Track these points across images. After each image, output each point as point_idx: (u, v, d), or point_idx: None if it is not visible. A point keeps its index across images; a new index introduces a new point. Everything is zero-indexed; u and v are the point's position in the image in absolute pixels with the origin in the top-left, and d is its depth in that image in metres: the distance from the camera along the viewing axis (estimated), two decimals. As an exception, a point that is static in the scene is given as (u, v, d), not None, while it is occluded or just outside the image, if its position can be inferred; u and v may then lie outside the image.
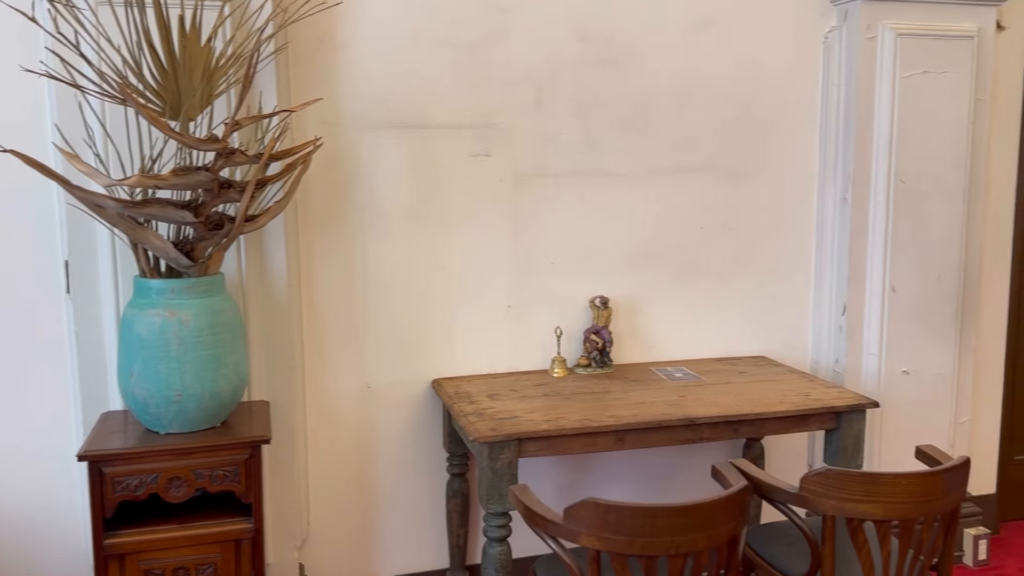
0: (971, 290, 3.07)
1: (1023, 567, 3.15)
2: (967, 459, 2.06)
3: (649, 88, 2.84)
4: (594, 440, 2.33)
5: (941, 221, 2.97)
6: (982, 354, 3.27)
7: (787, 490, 2.04)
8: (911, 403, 3.03)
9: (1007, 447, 3.45)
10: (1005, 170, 3.24)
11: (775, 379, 2.75)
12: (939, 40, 2.87)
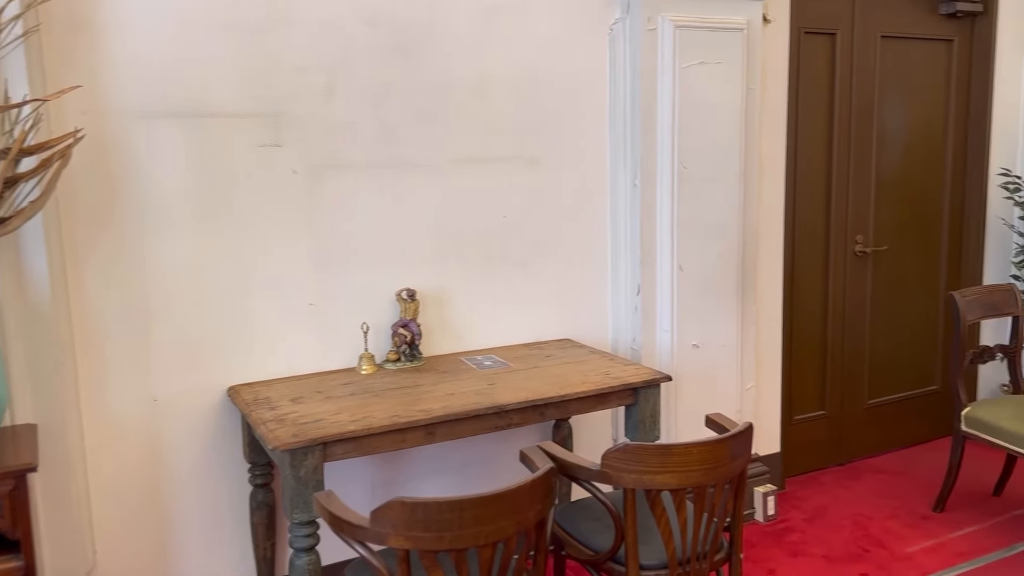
0: (749, 267, 3.31)
1: (806, 517, 3.46)
2: (750, 425, 2.21)
3: (446, 77, 2.82)
4: (404, 436, 2.29)
5: (721, 203, 3.18)
6: (762, 326, 3.55)
7: (590, 468, 2.10)
8: (702, 374, 3.23)
9: (788, 409, 3.78)
10: (775, 154, 3.53)
11: (579, 361, 2.83)
12: (713, 32, 3.06)
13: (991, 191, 4.20)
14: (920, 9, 3.94)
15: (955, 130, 4.15)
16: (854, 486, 3.76)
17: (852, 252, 3.92)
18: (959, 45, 4.08)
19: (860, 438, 4.08)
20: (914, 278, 4.16)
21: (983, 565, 3.03)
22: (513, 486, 1.78)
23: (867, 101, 3.85)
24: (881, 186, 3.97)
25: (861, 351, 4.03)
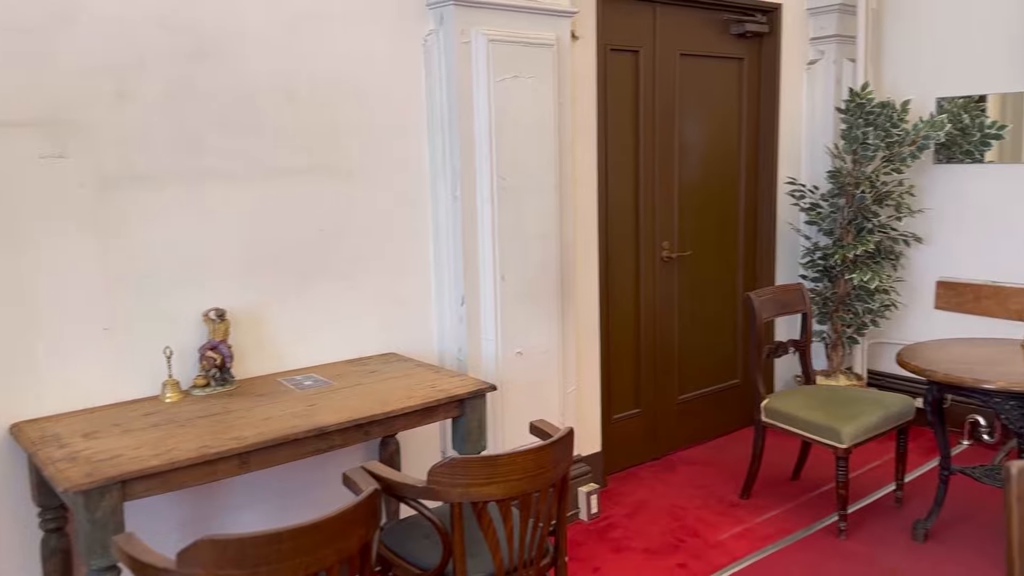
0: (568, 274, 3.41)
1: (628, 512, 3.61)
2: (571, 429, 2.26)
3: (252, 84, 2.69)
4: (215, 468, 2.14)
5: (539, 213, 3.25)
6: (581, 330, 3.67)
7: (415, 485, 2.07)
8: (527, 381, 3.28)
9: (607, 409, 3.93)
10: (588, 166, 3.66)
11: (404, 375, 2.78)
12: (525, 47, 3.12)
13: (780, 198, 4.58)
14: (714, 29, 4.24)
15: (747, 142, 4.50)
16: (670, 479, 3.97)
17: (660, 258, 4.15)
18: (749, 63, 4.43)
19: (673, 432, 4.32)
20: (715, 281, 4.46)
21: (785, 546, 3.28)
22: (334, 513, 1.71)
23: (669, 115, 4.09)
24: (684, 195, 4.23)
25: (671, 351, 4.26)
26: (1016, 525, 1.34)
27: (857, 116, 4.17)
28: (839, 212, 4.30)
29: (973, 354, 3.26)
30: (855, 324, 4.36)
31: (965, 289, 4.40)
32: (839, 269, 4.31)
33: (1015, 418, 2.99)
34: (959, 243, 4.40)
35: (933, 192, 4.46)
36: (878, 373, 4.74)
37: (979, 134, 4.24)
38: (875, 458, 4.13)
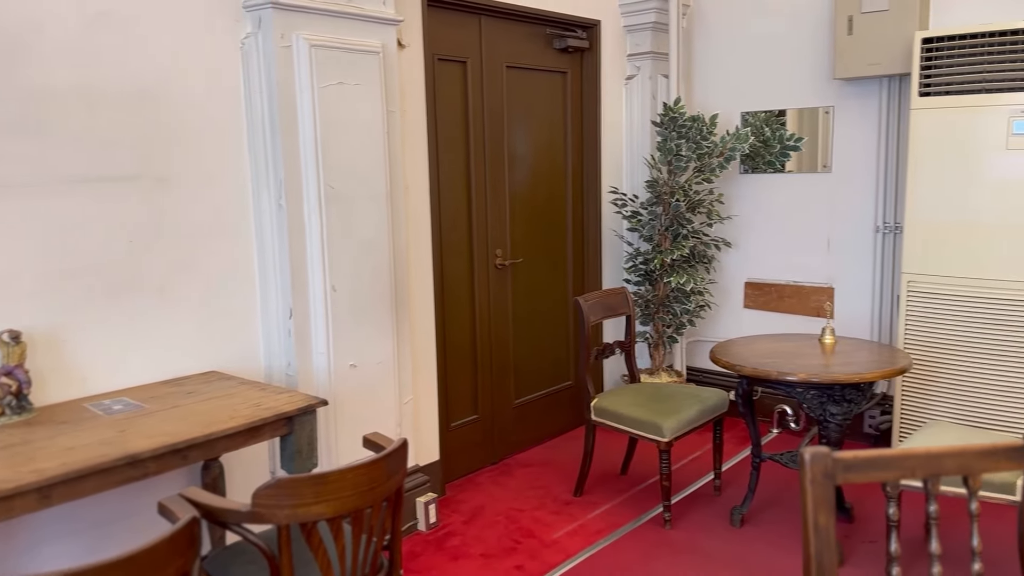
0: (402, 283, 3.39)
1: (465, 519, 3.62)
2: (405, 441, 2.24)
3: (44, 86, 2.47)
4: (11, 504, 1.94)
5: (370, 223, 3.21)
6: (417, 339, 3.66)
7: (239, 510, 1.97)
8: (361, 393, 3.22)
9: (445, 417, 3.93)
10: (419, 175, 3.65)
11: (227, 394, 2.65)
12: (350, 53, 3.08)
13: (604, 207, 4.78)
14: (538, 43, 4.37)
15: (573, 152, 4.66)
16: (507, 482, 4.03)
17: (493, 265, 4.21)
18: (572, 77, 4.59)
19: (510, 436, 4.39)
20: (546, 286, 4.58)
21: (616, 539, 3.41)
22: (147, 545, 1.60)
23: (498, 125, 4.17)
24: (515, 204, 4.32)
25: (506, 356, 4.34)
26: (810, 506, 1.46)
27: (671, 129, 4.43)
28: (657, 219, 4.55)
29: (778, 349, 3.53)
30: (674, 324, 4.62)
31: (770, 289, 4.77)
32: (658, 273, 4.55)
33: (815, 406, 3.27)
34: (764, 246, 4.77)
35: (740, 200, 4.82)
36: (696, 369, 5.05)
37: (779, 146, 4.63)
38: (695, 449, 4.39)
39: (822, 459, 1.45)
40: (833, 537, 1.43)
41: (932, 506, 1.50)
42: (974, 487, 1.49)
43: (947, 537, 3.31)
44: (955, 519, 3.47)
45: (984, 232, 3.63)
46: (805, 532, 1.46)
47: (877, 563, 3.14)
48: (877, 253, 4.34)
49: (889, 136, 4.24)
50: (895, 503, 1.49)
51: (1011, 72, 3.50)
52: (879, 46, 3.98)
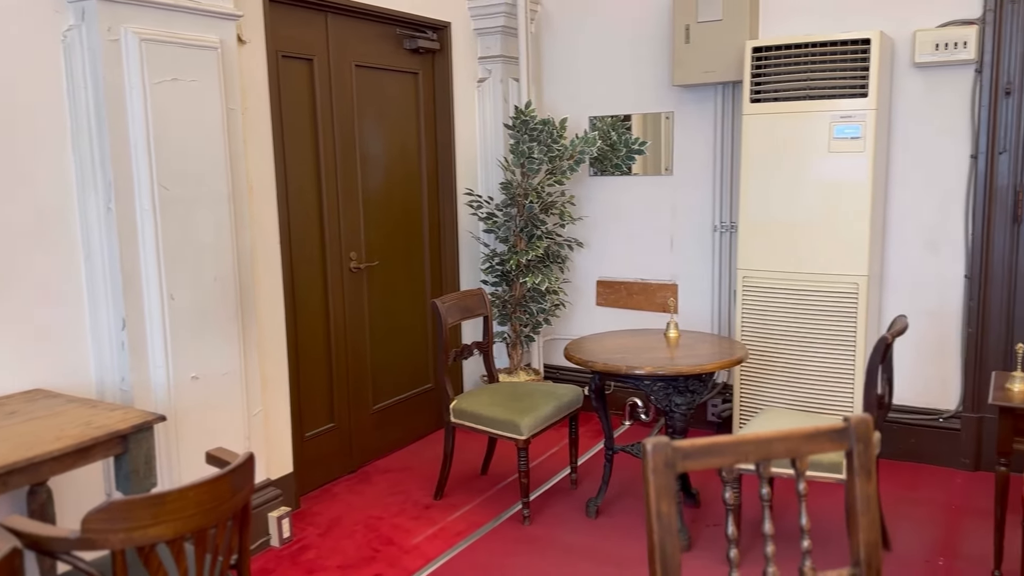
0: (247, 289, 3.25)
1: (321, 532, 3.52)
2: (251, 455, 2.14)
3: None
4: None
5: (210, 226, 3.06)
6: (266, 348, 3.52)
7: (68, 538, 1.82)
8: (205, 407, 3.07)
9: (299, 427, 3.81)
10: (264, 176, 3.52)
11: (52, 413, 2.45)
12: (185, 49, 2.92)
13: (460, 208, 4.79)
14: (388, 43, 4.31)
15: (427, 154, 4.64)
16: (365, 491, 3.95)
17: (348, 269, 4.12)
18: (423, 78, 4.57)
19: (369, 443, 4.31)
20: (404, 289, 4.54)
21: (476, 539, 3.42)
22: (-47, 586, 1.45)
23: (348, 126, 4.08)
24: (368, 206, 4.25)
25: (363, 361, 4.26)
26: (653, 494, 1.52)
27: (523, 132, 4.50)
28: (512, 221, 4.60)
29: (627, 344, 3.66)
30: (531, 323, 4.70)
31: (620, 287, 4.94)
32: (515, 273, 4.61)
33: (661, 398, 3.41)
34: (614, 246, 4.93)
35: (591, 201, 4.96)
36: (554, 367, 5.15)
37: (625, 149, 4.80)
38: (553, 445, 4.47)
39: (663, 449, 1.50)
40: (675, 523, 1.49)
41: (765, 488, 1.59)
42: (801, 469, 1.59)
43: (789, 516, 3.53)
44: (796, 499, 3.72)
45: (809, 229, 3.91)
46: (649, 520, 1.51)
47: (723, 546, 3.31)
48: (715, 251, 4.59)
49: (724, 140, 4.48)
50: (731, 487, 1.57)
51: (832, 80, 3.79)
52: (714, 54, 4.21)
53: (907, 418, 4.12)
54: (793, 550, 3.22)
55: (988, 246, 3.87)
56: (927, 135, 3.96)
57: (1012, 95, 3.77)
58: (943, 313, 4.01)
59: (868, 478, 1.58)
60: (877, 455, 3.23)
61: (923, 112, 3.96)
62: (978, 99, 3.82)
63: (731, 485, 1.57)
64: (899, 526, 3.43)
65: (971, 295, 3.92)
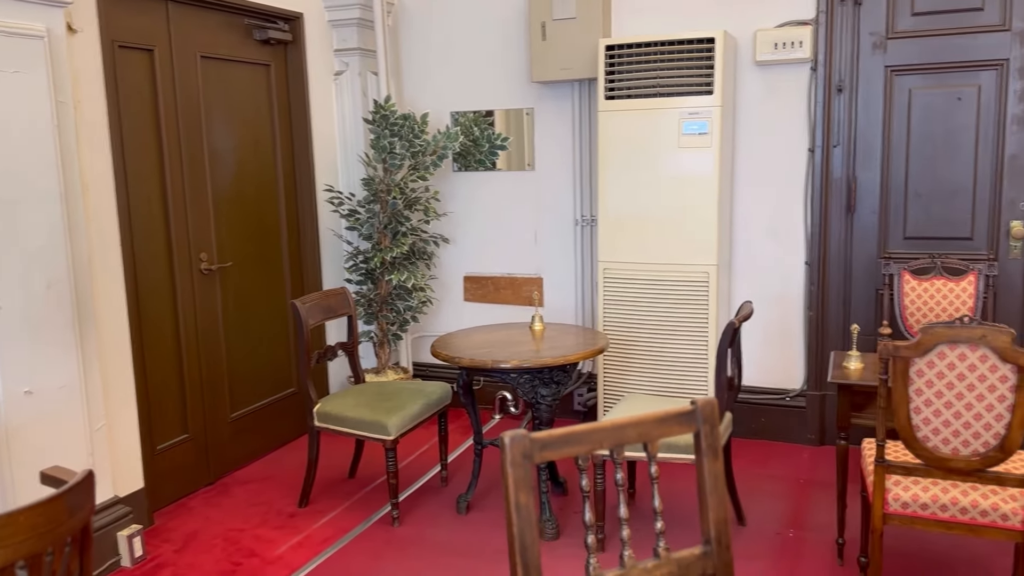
0: (84, 295, 3.03)
1: (177, 548, 3.34)
2: (90, 473, 1.99)
3: None
4: None
5: (40, 228, 2.82)
6: (109, 358, 3.30)
7: None
8: (42, 423, 2.84)
9: (149, 440, 3.59)
10: (102, 173, 3.29)
11: None
12: (7, 38, 2.68)
13: (320, 205, 4.66)
14: (237, 33, 4.13)
15: (283, 149, 4.48)
16: (224, 503, 3.78)
17: (199, 271, 3.92)
18: (276, 70, 4.41)
19: (228, 453, 4.12)
20: (262, 290, 4.37)
21: (344, 545, 3.34)
22: None
23: (195, 120, 3.88)
24: (220, 204, 4.06)
25: (219, 367, 4.06)
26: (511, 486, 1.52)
27: (383, 127, 4.42)
28: (375, 217, 4.52)
29: (493, 338, 3.67)
30: (398, 322, 4.63)
31: (487, 282, 4.96)
32: (380, 271, 4.53)
33: (527, 390, 3.44)
34: (480, 241, 4.94)
35: (456, 197, 4.95)
36: (423, 364, 5.11)
37: (488, 145, 4.81)
38: (423, 443, 4.44)
39: (520, 441, 1.50)
40: (533, 514, 1.50)
41: (619, 474, 1.62)
42: (652, 452, 1.63)
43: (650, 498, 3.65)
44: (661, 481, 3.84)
45: (663, 221, 4.05)
46: (508, 512, 1.50)
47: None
48: (578, 244, 4.68)
49: (583, 136, 4.58)
50: (588, 475, 1.59)
51: (680, 78, 3.94)
52: (570, 52, 4.28)
53: (757, 398, 4.35)
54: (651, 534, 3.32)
55: (825, 234, 4.15)
56: (769, 130, 4.19)
57: (844, 92, 4.04)
58: (787, 298, 4.26)
59: (715, 457, 1.64)
60: (730, 435, 3.39)
61: (765, 108, 4.18)
62: (814, 96, 4.08)
63: (587, 473, 1.59)
64: (753, 501, 3.62)
65: (811, 280, 4.18)
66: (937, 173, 3.96)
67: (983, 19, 3.80)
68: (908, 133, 3.99)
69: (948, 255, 3.86)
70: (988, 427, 2.42)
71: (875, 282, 4.09)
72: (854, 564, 3.06)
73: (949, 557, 3.09)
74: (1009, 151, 3.82)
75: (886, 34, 3.96)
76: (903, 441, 2.53)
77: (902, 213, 4.04)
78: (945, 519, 2.54)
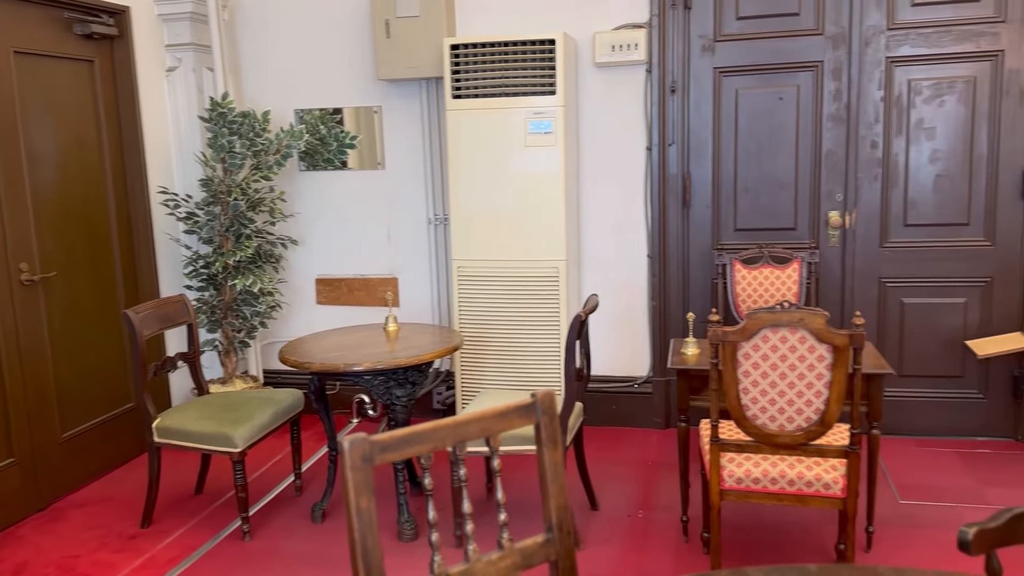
0: None
1: (2, 583, 3.08)
2: None
3: None
4: None
5: None
6: (-88, 379, 2.98)
7: None
8: None
9: (-36, 468, 3.28)
10: None
11: None
12: None
13: (155, 208, 4.41)
14: (55, 27, 3.84)
15: (111, 150, 4.21)
16: (58, 529, 3.51)
17: (19, 282, 3.62)
18: (101, 66, 4.13)
19: (60, 475, 3.83)
20: (92, 301, 4.09)
21: (191, 564, 3.18)
22: None
23: (9, 119, 3.58)
24: (41, 210, 3.76)
25: (46, 385, 3.77)
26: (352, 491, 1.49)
27: (221, 125, 4.24)
28: (216, 220, 4.33)
29: (346, 341, 3.60)
30: (245, 328, 4.46)
31: (340, 284, 4.86)
32: (223, 276, 4.35)
33: (382, 392, 3.40)
34: (332, 242, 4.83)
35: (303, 197, 4.82)
36: (275, 372, 4.95)
37: (336, 144, 4.71)
38: (276, 453, 4.30)
39: (359, 444, 1.48)
40: (375, 518, 1.48)
41: (462, 470, 1.63)
42: (495, 447, 1.65)
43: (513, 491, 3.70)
44: (519, 472, 3.90)
45: (513, 219, 4.12)
46: (349, 517, 1.48)
47: (450, 529, 3.38)
48: (432, 243, 4.68)
49: (432, 135, 4.57)
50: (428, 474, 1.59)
51: (525, 78, 4.01)
52: (415, 50, 4.27)
53: (608, 387, 4.51)
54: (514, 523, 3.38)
55: (664, 228, 4.34)
56: (610, 129, 4.34)
57: (677, 92, 4.24)
58: (632, 290, 4.44)
59: (555, 447, 1.68)
60: (581, 423, 3.49)
61: (606, 108, 4.33)
62: (649, 96, 4.26)
63: (429, 472, 1.59)
64: (604, 486, 3.74)
65: (653, 272, 4.37)
66: (763, 168, 4.23)
67: (800, 24, 4.09)
68: (736, 131, 4.24)
69: (774, 245, 4.14)
70: (809, 403, 2.61)
71: (710, 272, 4.33)
72: (698, 540, 3.23)
73: (782, 526, 3.31)
74: (826, 147, 4.14)
75: (714, 37, 4.19)
76: (735, 420, 2.69)
77: (732, 206, 4.30)
78: (775, 491, 2.73)
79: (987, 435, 4.15)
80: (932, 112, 4.01)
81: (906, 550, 3.07)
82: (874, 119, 4.07)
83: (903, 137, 4.06)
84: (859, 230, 4.16)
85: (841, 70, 4.07)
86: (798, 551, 3.11)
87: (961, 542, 1.52)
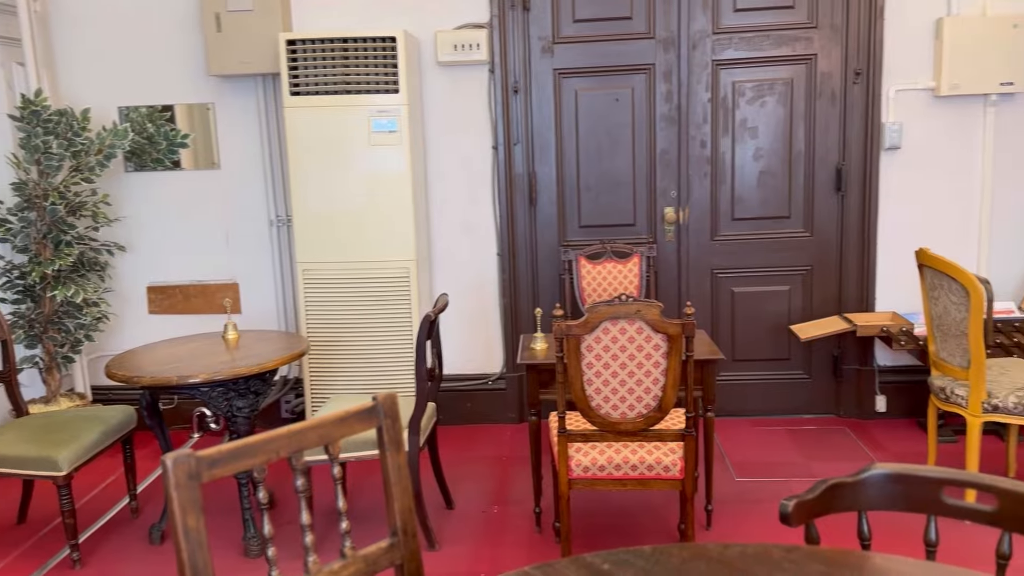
0: None
1: None
2: None
3: None
4: None
5: None
6: None
7: None
8: None
9: None
10: None
11: None
12: None
13: (-41, 215, 4.00)
14: None
15: (-98, 151, 3.78)
16: None
17: None
18: None
19: None
20: None
21: (10, 601, 2.92)
22: None
23: None
24: None
25: None
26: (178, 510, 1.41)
27: (35, 124, 3.91)
28: (32, 226, 3.98)
29: (181, 352, 3.41)
30: (69, 342, 4.13)
31: (175, 291, 4.60)
32: (41, 287, 4.01)
33: (222, 404, 3.24)
34: (165, 247, 4.56)
35: (131, 200, 4.52)
36: (104, 388, 4.61)
37: (166, 143, 4.45)
38: (109, 474, 4.01)
39: (183, 461, 1.40)
40: (205, 537, 1.40)
41: (300, 480, 1.57)
42: (334, 454, 1.61)
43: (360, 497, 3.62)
44: (372, 478, 3.83)
45: (360, 219, 4.04)
46: (176, 537, 1.40)
47: (299, 541, 3.28)
48: (275, 245, 4.51)
49: (271, 133, 4.41)
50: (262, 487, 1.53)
51: (367, 76, 3.94)
52: (249, 45, 4.10)
53: (462, 385, 4.52)
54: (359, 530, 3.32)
55: (512, 226, 4.40)
56: (457, 128, 4.35)
57: (519, 92, 4.31)
58: (483, 288, 4.47)
59: (397, 450, 1.66)
60: (435, 423, 3.48)
61: (451, 107, 4.33)
62: (493, 96, 4.30)
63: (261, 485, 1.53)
64: (460, 484, 3.75)
65: (503, 269, 4.42)
66: (603, 167, 4.37)
67: (632, 27, 4.26)
68: (577, 131, 4.36)
69: (616, 240, 4.29)
70: (648, 391, 2.72)
71: (557, 268, 4.43)
72: (550, 530, 3.29)
73: (629, 511, 3.44)
74: (660, 146, 4.33)
75: (553, 39, 4.29)
76: (580, 411, 2.76)
77: (576, 204, 4.41)
78: (619, 477, 2.82)
79: (812, 412, 4.48)
80: (755, 112, 4.28)
81: (743, 526, 3.27)
82: (703, 119, 4.30)
83: (729, 136, 4.31)
84: (692, 225, 4.39)
85: (672, 73, 4.27)
86: (645, 533, 3.23)
87: (782, 515, 1.62)
